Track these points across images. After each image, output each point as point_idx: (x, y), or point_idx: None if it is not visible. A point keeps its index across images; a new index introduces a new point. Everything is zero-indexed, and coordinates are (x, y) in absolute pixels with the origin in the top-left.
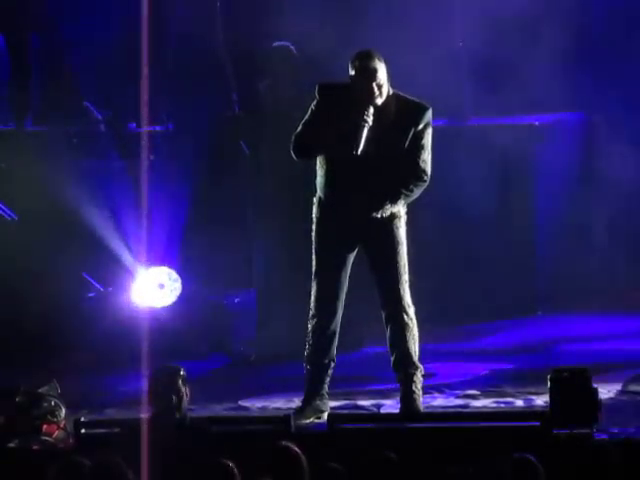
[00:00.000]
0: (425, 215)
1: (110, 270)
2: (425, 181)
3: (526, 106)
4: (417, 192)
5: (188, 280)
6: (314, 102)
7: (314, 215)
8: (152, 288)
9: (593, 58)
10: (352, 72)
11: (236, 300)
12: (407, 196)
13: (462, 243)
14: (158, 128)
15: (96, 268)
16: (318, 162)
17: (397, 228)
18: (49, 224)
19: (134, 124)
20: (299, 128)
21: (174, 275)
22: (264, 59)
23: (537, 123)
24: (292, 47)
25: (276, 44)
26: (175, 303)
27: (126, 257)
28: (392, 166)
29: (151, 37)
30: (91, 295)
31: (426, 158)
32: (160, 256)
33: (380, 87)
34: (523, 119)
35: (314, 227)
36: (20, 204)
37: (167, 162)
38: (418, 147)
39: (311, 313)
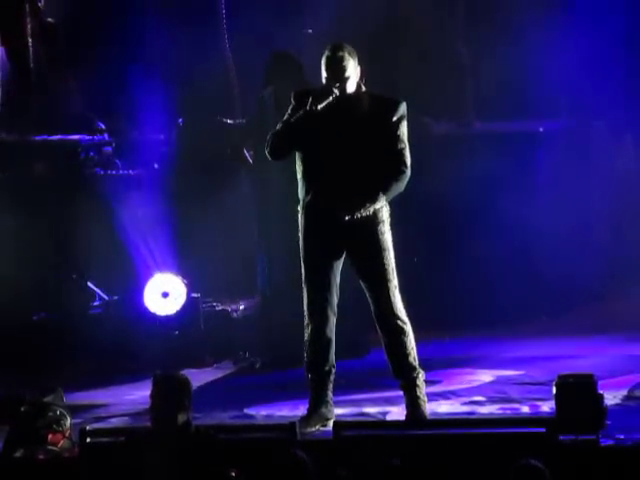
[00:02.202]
0: (428, 221)
1: (115, 278)
2: (404, 172)
3: (530, 112)
4: (398, 185)
5: (192, 288)
6: (290, 106)
7: (299, 224)
8: (157, 296)
9: (596, 65)
10: (322, 62)
11: (240, 307)
12: (388, 189)
13: (465, 249)
14: (162, 136)
15: (101, 277)
16: (297, 170)
17: (381, 234)
18: (54, 233)
19: (138, 132)
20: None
21: (179, 283)
22: (267, 66)
23: (541, 129)
24: (294, 54)
25: (278, 51)
26: (180, 311)
27: (131, 265)
28: (369, 162)
29: (155, 45)
30: (97, 304)
31: (403, 149)
32: (164, 264)
33: (345, 75)
34: (527, 125)
35: (300, 235)
36: (24, 213)
37: (171, 170)
38: (394, 139)
39: (305, 322)
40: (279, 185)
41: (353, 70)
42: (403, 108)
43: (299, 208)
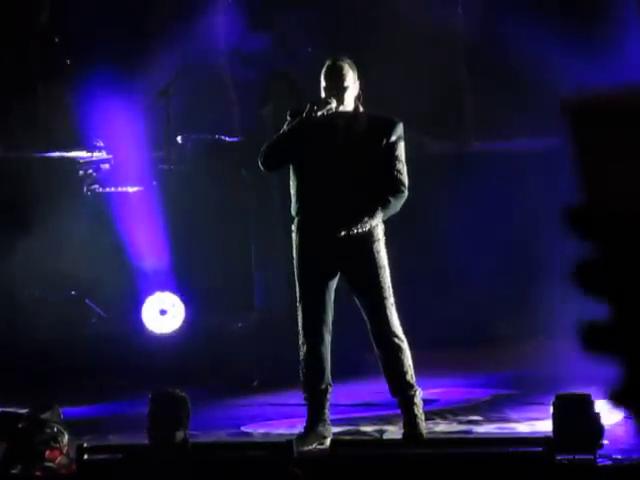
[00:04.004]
0: (425, 241)
1: (113, 296)
2: (402, 191)
3: (530, 130)
4: (396, 204)
5: (190, 306)
6: (286, 123)
7: (293, 242)
8: (155, 314)
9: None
10: (322, 73)
11: (238, 325)
12: (385, 207)
13: (462, 268)
14: (160, 154)
15: (99, 294)
16: (291, 186)
17: (377, 252)
18: (52, 250)
19: (136, 150)
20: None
21: (176, 301)
22: (266, 84)
23: (541, 147)
24: (294, 72)
25: (277, 69)
26: (178, 329)
27: (129, 283)
28: (366, 180)
29: (155, 63)
30: (94, 321)
31: (401, 169)
32: (162, 281)
33: (344, 84)
34: (526, 144)
35: (294, 254)
36: (22, 230)
37: (169, 188)
38: (392, 159)
39: (300, 341)
40: (277, 203)
41: (352, 82)
42: (400, 128)
43: (293, 227)
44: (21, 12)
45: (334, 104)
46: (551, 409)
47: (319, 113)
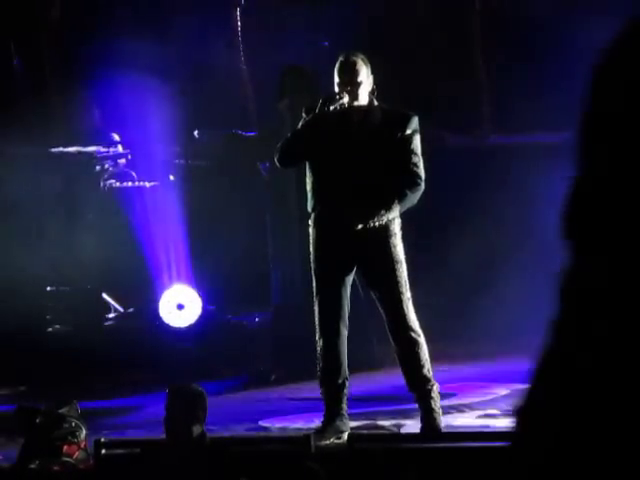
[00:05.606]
0: (444, 234)
1: (131, 290)
2: (419, 184)
3: (546, 124)
4: (412, 197)
5: (207, 300)
6: (301, 120)
7: (310, 236)
8: (172, 308)
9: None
10: (335, 68)
11: (255, 320)
12: (402, 200)
13: (481, 263)
14: (177, 148)
15: (117, 288)
16: (307, 182)
17: (394, 246)
18: (70, 244)
19: (153, 144)
20: None
21: (194, 295)
22: (282, 79)
23: (559, 141)
24: (309, 66)
25: (292, 64)
26: (195, 323)
27: (146, 277)
28: (382, 174)
29: (171, 58)
30: (112, 316)
31: (417, 162)
32: (179, 276)
33: (357, 79)
34: (543, 137)
35: (311, 249)
36: (40, 225)
37: (186, 183)
38: (407, 152)
39: (317, 335)
40: (294, 198)
41: (365, 77)
42: (415, 122)
43: (310, 221)
44: (37, 8)
45: (347, 99)
46: None
47: (332, 108)
